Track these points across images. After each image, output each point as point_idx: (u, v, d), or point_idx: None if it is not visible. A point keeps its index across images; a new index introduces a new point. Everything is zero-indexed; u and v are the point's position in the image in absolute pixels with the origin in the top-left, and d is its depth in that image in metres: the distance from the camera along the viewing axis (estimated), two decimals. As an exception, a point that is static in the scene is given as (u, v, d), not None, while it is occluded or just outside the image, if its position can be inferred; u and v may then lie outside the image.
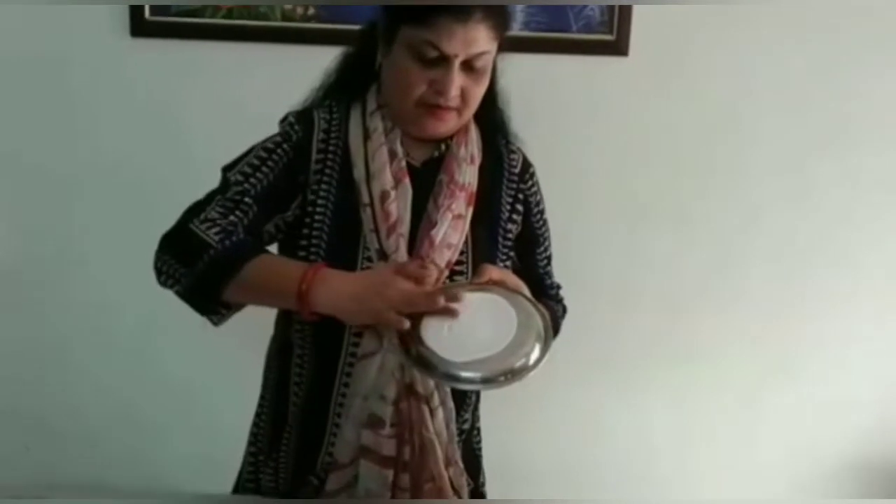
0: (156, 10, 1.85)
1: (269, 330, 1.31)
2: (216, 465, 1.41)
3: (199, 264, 1.07)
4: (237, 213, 1.13)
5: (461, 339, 1.03)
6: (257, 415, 1.33)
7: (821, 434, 2.15)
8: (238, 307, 1.14)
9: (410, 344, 1.05)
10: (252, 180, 1.15)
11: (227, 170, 1.18)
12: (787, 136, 1.98)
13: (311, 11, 1.85)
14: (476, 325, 1.04)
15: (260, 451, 1.31)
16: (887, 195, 2.02)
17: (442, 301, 1.03)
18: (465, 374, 1.03)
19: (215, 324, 1.15)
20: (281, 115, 1.23)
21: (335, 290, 1.06)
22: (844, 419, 2.14)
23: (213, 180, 1.18)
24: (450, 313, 1.03)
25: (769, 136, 1.98)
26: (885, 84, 1.95)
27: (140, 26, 1.86)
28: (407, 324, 1.03)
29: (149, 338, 2.05)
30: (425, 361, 1.03)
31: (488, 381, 1.03)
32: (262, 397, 1.33)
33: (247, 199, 1.14)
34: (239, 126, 1.25)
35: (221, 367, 1.93)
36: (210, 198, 1.15)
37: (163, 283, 1.13)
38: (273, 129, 1.21)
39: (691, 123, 1.97)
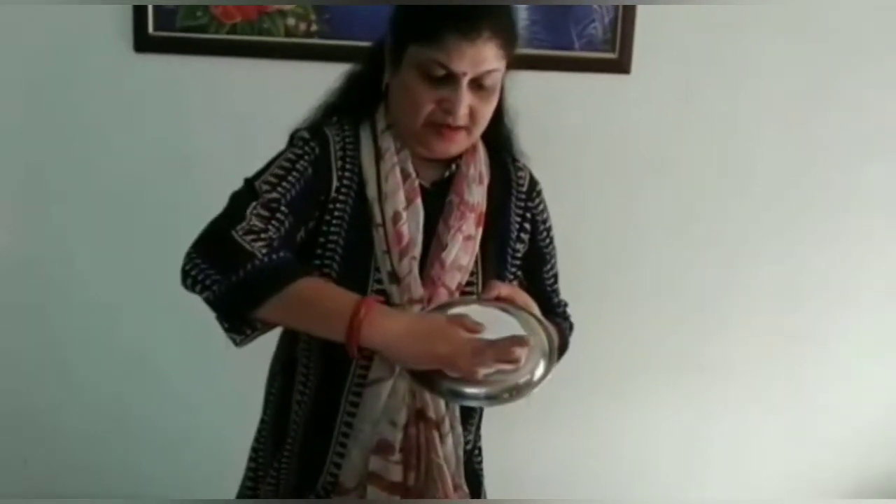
0: (159, 25, 1.85)
1: (272, 340, 1.28)
2: (218, 477, 1.39)
3: (239, 273, 1.01)
4: (274, 223, 1.08)
5: None
6: (259, 431, 1.33)
7: (823, 442, 2.16)
8: (264, 329, 1.08)
9: None
10: (280, 189, 1.10)
11: (251, 180, 1.12)
12: (789, 150, 2.00)
13: (313, 28, 1.86)
14: None
15: (259, 467, 1.30)
16: (892, 206, 2.03)
17: (512, 353, 0.99)
18: (469, 391, 1.02)
19: (237, 344, 1.09)
20: (284, 130, 1.21)
21: (392, 325, 1.02)
22: (847, 425, 2.15)
23: (215, 194, 1.13)
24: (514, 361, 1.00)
25: (772, 150, 1.99)
26: (886, 97, 1.97)
27: (143, 41, 1.86)
28: (482, 374, 0.99)
29: (150, 350, 2.04)
30: (430, 379, 1.03)
31: (492, 398, 1.02)
32: (263, 413, 1.32)
33: (282, 208, 1.09)
34: (242, 141, 1.24)
35: (223, 379, 1.91)
36: (241, 203, 1.08)
37: (189, 287, 1.05)
38: (277, 143, 1.19)
39: (693, 140, 1.98)
